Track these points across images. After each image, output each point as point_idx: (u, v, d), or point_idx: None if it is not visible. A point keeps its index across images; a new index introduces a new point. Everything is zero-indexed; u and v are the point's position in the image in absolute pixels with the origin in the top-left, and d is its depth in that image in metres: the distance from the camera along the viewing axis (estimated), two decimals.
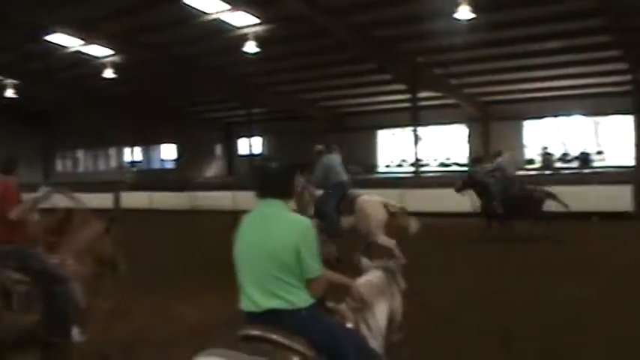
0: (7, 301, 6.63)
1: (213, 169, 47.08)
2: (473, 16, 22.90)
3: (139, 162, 47.83)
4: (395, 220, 14.44)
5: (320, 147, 16.16)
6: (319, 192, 15.53)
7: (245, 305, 4.50)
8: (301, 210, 14.71)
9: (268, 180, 4.58)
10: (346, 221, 14.72)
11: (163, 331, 9.98)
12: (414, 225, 14.29)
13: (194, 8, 25.02)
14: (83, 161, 53.28)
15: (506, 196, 18.57)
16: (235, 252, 4.58)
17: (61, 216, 8.96)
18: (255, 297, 4.38)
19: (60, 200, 8.06)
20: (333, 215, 14.79)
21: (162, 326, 10.28)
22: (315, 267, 4.40)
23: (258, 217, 4.53)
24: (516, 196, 18.51)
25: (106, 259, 8.16)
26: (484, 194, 19.18)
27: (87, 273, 7.85)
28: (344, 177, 15.46)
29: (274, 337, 4.28)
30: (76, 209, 8.61)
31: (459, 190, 20.09)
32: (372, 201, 14.69)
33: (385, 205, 14.44)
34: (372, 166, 39.61)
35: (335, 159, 15.67)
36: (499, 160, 20.17)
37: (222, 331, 9.70)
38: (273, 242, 4.34)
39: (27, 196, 7.44)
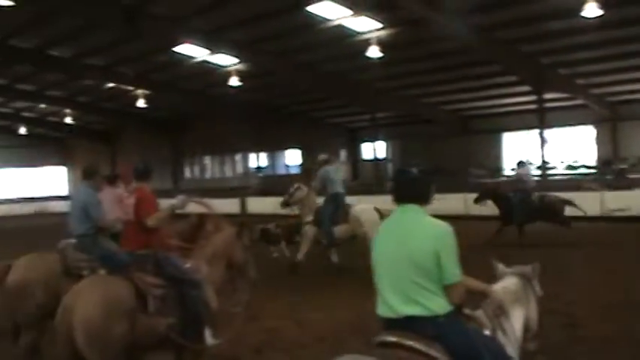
0: (142, 304, 6.84)
1: None
2: (601, 13, 22.20)
3: (265, 167, 48.53)
4: None
5: (324, 156, 16.80)
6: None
7: (382, 311, 4.47)
8: (303, 215, 16.09)
9: (408, 185, 4.55)
10: (340, 230, 15.64)
11: (293, 335, 10.10)
12: None
13: (317, 15, 25.25)
14: (210, 168, 54.48)
15: (526, 205, 19.11)
16: (373, 257, 4.56)
17: (194, 222, 9.22)
18: (392, 303, 4.35)
19: (193, 206, 8.27)
20: (326, 224, 15.55)
21: (292, 330, 10.41)
22: (455, 272, 4.33)
23: (397, 222, 4.50)
24: (536, 205, 19.19)
25: (238, 264, 8.30)
26: (503, 204, 19.64)
27: (219, 277, 8.03)
28: (339, 188, 16.15)
29: (411, 343, 4.24)
30: (208, 215, 8.83)
31: (477, 201, 20.87)
32: (365, 208, 15.52)
33: (378, 210, 15.02)
34: (497, 170, 38.96)
35: (331, 170, 16.36)
36: (519, 171, 20.62)
37: (351, 335, 9.79)
38: (412, 247, 4.29)
39: (161, 203, 7.66)
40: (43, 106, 49.36)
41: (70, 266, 8.61)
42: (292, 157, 49.37)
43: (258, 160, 47.62)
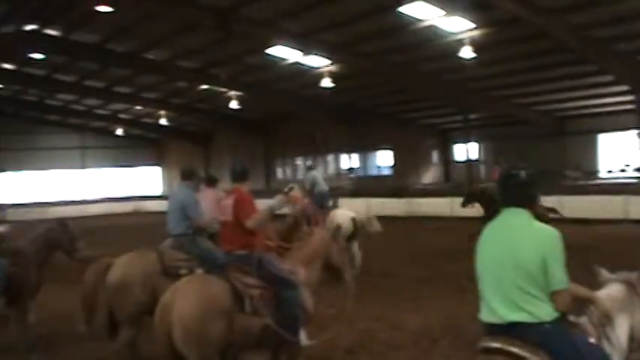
0: (239, 304, 6.91)
1: (429, 176, 46.96)
2: None
3: (357, 168, 48.49)
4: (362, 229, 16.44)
5: (310, 163, 20.06)
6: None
7: (486, 316, 4.38)
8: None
9: (517, 189, 4.44)
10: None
11: (386, 337, 10.07)
12: (375, 225, 16.91)
13: (409, 16, 25.12)
14: (302, 168, 54.77)
15: None
16: (478, 262, 4.46)
17: (290, 222, 9.28)
18: (497, 308, 4.25)
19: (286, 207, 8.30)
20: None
21: (385, 332, 10.37)
22: (562, 279, 4.20)
23: (504, 226, 4.40)
24: None
25: (333, 266, 8.29)
26: (490, 207, 18.91)
27: (315, 279, 8.04)
28: (324, 187, 18.87)
29: (515, 350, 4.14)
30: (304, 216, 8.87)
31: (464, 204, 20.77)
32: (340, 214, 16.28)
33: (353, 219, 15.93)
34: (593, 172, 38.03)
35: (317, 174, 19.72)
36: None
37: (444, 337, 9.71)
38: (519, 252, 4.19)
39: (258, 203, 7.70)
40: (138, 108, 50.58)
41: (168, 265, 8.75)
42: (384, 158, 49.21)
43: (349, 161, 47.63)
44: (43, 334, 10.70)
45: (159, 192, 61.41)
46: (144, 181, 64.28)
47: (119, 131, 59.24)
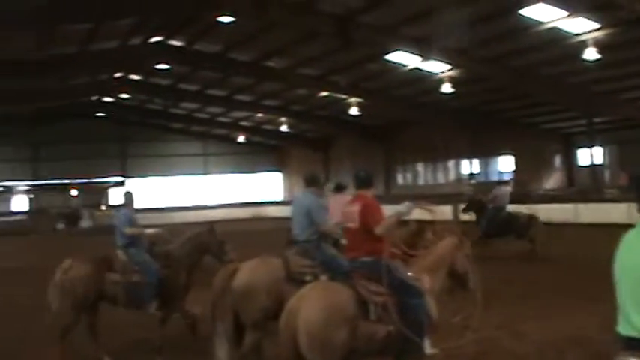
0: (363, 310, 6.89)
1: (552, 181, 45.87)
2: None
3: (477, 174, 47.84)
4: None
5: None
6: None
7: (623, 329, 4.13)
8: None
9: None
10: None
11: (510, 346, 9.87)
12: None
13: (531, 18, 24.66)
14: (422, 174, 54.39)
15: (497, 220, 20.76)
16: (615, 270, 4.25)
17: (414, 229, 9.20)
18: (636, 321, 4.02)
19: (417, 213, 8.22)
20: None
21: (508, 340, 10.17)
22: None
23: None
24: (505, 220, 20.84)
25: (459, 274, 8.18)
26: (481, 217, 21.32)
27: (439, 287, 7.95)
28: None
29: None
30: (428, 223, 8.78)
31: (465, 211, 22.66)
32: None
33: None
34: None
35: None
36: (494, 191, 22.09)
37: (571, 348, 9.43)
38: None
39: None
40: (259, 115, 51.48)
41: (292, 271, 8.80)
42: (505, 164, 48.38)
43: (470, 166, 47.05)
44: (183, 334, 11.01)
45: (279, 198, 62.19)
46: (264, 187, 65.23)
47: (240, 138, 60.48)
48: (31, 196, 59.98)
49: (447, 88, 33.17)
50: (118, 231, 11.08)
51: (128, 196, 11.83)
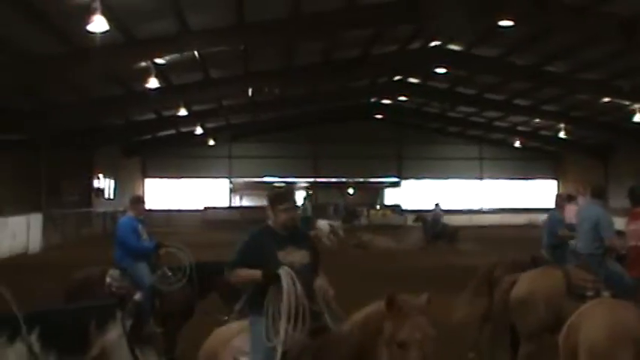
0: None
1: None
2: None
3: None
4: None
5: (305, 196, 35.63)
6: None
7: None
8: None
9: None
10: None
11: None
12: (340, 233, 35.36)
13: None
14: None
15: (435, 229, 34.14)
16: None
17: None
18: None
19: None
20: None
21: None
22: None
23: None
24: (440, 229, 34.17)
25: None
26: (425, 226, 34.87)
27: None
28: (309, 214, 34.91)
29: None
30: None
31: (415, 220, 37.42)
32: (322, 223, 34.66)
33: (331, 225, 35.05)
34: None
35: (308, 205, 36.94)
36: (435, 209, 36.35)
37: None
38: None
39: None
40: (537, 120, 50.43)
41: (573, 285, 8.64)
42: None
43: None
44: None
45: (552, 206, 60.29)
46: (539, 194, 63.67)
47: (517, 143, 59.53)
48: (310, 192, 63.06)
49: None
50: (546, 232, 11.44)
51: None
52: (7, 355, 5.74)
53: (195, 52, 27.68)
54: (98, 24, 18.92)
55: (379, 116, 58.70)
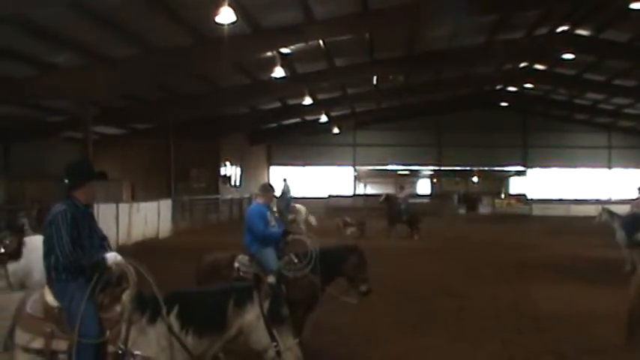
0: None
1: None
2: None
3: None
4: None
5: (285, 178, 36.80)
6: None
7: None
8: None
9: None
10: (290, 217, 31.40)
11: None
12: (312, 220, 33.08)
13: None
14: None
15: (405, 213, 33.27)
16: None
17: None
18: None
19: None
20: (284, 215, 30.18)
21: None
22: None
23: None
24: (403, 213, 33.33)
25: None
26: (391, 209, 33.89)
27: None
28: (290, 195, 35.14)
29: None
30: None
31: (381, 202, 35.37)
32: (300, 206, 34.03)
33: (306, 210, 33.89)
34: None
35: (289, 186, 35.78)
36: (404, 192, 35.93)
37: None
38: None
39: None
40: None
41: None
42: None
43: None
44: None
45: None
46: None
47: None
48: (434, 180, 62.91)
49: None
50: None
51: None
52: (148, 333, 6.19)
53: (320, 41, 28.13)
54: (226, 15, 19.53)
55: (504, 104, 57.99)
